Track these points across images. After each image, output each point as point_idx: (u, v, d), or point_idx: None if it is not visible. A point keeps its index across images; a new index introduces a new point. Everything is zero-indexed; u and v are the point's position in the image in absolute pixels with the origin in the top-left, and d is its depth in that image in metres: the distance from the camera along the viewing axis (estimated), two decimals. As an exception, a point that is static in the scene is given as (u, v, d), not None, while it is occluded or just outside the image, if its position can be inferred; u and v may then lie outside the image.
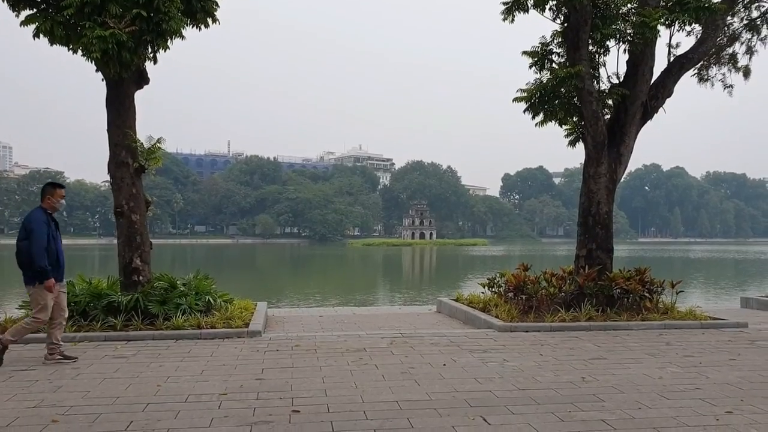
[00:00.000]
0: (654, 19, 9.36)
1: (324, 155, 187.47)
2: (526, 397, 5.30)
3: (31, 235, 6.41)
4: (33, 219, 6.52)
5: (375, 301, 23.43)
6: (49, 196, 6.69)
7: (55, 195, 6.71)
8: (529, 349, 7.45)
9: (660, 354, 7.20)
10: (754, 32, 14.87)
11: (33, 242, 6.38)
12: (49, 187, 6.78)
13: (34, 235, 6.40)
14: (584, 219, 10.38)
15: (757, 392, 5.49)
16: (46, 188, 6.78)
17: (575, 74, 9.45)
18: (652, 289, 9.83)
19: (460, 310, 10.48)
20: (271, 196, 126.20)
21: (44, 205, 6.69)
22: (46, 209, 6.68)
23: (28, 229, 6.46)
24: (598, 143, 10.12)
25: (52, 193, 6.71)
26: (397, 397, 5.24)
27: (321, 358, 6.85)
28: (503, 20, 9.84)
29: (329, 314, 11.45)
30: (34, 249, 6.36)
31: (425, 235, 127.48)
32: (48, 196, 6.70)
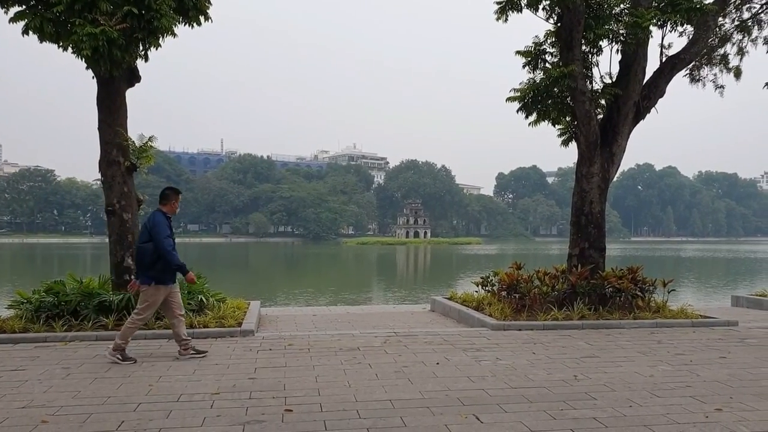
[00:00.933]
0: (646, 20, 9.40)
1: (318, 154, 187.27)
2: (518, 395, 5.32)
3: (156, 238, 6.66)
4: (157, 222, 6.77)
5: (369, 300, 23.44)
6: (172, 201, 7.03)
7: (177, 200, 7.09)
8: (522, 347, 7.47)
9: (651, 352, 7.23)
10: (745, 33, 14.97)
11: (161, 243, 6.64)
12: (172, 192, 7.11)
13: (161, 236, 6.66)
14: (577, 218, 10.41)
15: (746, 390, 5.53)
16: (168, 193, 7.07)
17: (568, 74, 9.48)
18: (644, 287, 9.87)
19: (454, 308, 10.49)
20: (265, 194, 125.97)
21: (165, 209, 6.97)
22: (166, 213, 6.95)
23: (153, 232, 6.71)
24: (590, 143, 10.15)
25: (174, 198, 7.05)
26: (391, 396, 5.25)
27: (314, 357, 6.85)
28: (497, 20, 9.86)
29: (323, 313, 11.45)
30: (165, 249, 6.64)
31: (419, 233, 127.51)
32: (171, 201, 7.02)
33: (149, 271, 6.69)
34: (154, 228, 6.71)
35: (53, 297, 8.35)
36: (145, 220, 6.93)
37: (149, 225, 6.77)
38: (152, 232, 6.70)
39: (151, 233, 6.71)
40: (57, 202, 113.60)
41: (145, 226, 6.83)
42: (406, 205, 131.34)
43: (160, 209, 6.95)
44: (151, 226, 6.74)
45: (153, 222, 6.77)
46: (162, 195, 7.03)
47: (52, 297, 8.36)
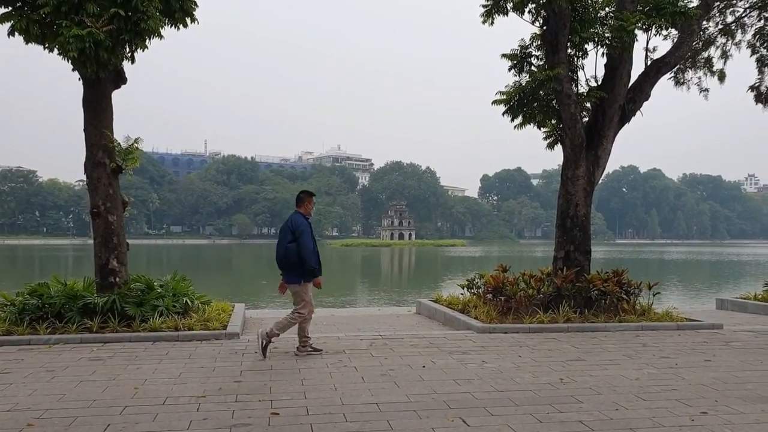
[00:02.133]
0: (631, 23, 9.49)
1: (302, 155, 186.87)
2: (505, 398, 5.33)
3: (301, 239, 7.02)
4: (300, 224, 7.14)
5: (354, 303, 23.39)
6: (306, 203, 7.39)
7: (310, 202, 7.45)
8: (508, 350, 7.49)
9: (637, 355, 7.29)
10: (728, 37, 15.17)
11: (303, 245, 6.99)
12: (306, 195, 7.50)
13: (304, 238, 7.03)
14: (562, 221, 10.48)
15: (731, 393, 5.59)
16: (303, 196, 7.48)
17: (554, 77, 9.54)
18: (629, 290, 9.94)
19: (440, 311, 10.50)
20: (249, 196, 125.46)
21: (302, 211, 7.35)
22: (304, 214, 7.32)
23: (297, 233, 7.05)
24: (576, 146, 10.22)
25: (308, 200, 7.42)
26: (377, 399, 5.24)
27: (299, 360, 6.82)
28: (483, 23, 9.88)
29: (308, 316, 11.38)
30: (305, 251, 6.98)
31: (404, 235, 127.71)
32: (306, 203, 7.39)
33: (296, 269, 7.03)
34: (297, 229, 7.06)
35: (37, 299, 8.24)
36: (287, 222, 7.27)
37: (292, 227, 7.12)
38: (296, 233, 7.04)
39: (294, 234, 7.05)
40: (39, 204, 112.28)
41: (288, 228, 7.16)
42: (391, 206, 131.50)
43: (298, 211, 7.34)
44: (294, 228, 7.08)
45: (296, 223, 7.12)
46: (297, 198, 7.48)
47: (35, 299, 8.25)
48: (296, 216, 7.27)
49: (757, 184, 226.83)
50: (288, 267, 7.09)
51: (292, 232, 7.08)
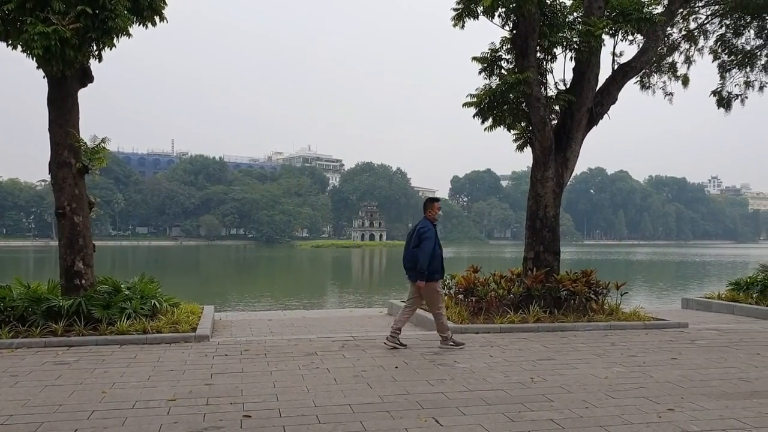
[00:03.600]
0: (599, 28, 9.68)
1: (272, 155, 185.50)
2: (477, 398, 5.37)
3: (423, 243, 7.54)
4: (427, 230, 7.64)
5: (325, 304, 23.32)
6: (432, 209, 7.90)
7: (435, 208, 7.94)
8: (480, 350, 7.55)
9: (606, 354, 7.41)
10: (692, 43, 15.57)
11: (422, 249, 7.51)
12: (431, 202, 8.07)
13: (426, 243, 7.54)
14: (532, 222, 10.61)
15: (696, 390, 5.73)
16: (429, 203, 8.03)
17: (524, 80, 9.64)
18: (597, 290, 10.10)
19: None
20: (217, 196, 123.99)
21: (428, 216, 7.85)
22: (430, 219, 7.80)
23: (422, 238, 7.58)
24: (545, 148, 10.36)
25: (433, 206, 7.94)
26: (350, 401, 5.22)
27: (271, 362, 6.76)
28: (454, 26, 9.93)
29: (278, 318, 11.32)
30: (423, 255, 7.47)
31: (375, 236, 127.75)
32: (431, 209, 7.90)
33: (415, 269, 7.55)
34: (423, 234, 7.60)
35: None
36: (416, 227, 7.84)
37: (420, 232, 7.65)
38: (422, 238, 7.57)
39: (420, 238, 7.58)
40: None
41: (416, 232, 7.71)
42: (362, 207, 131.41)
43: (425, 217, 7.85)
44: (420, 233, 7.62)
45: (424, 230, 7.66)
46: (424, 205, 8.06)
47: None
48: (423, 221, 7.81)
49: (720, 186, 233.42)
50: (413, 268, 7.65)
51: (418, 236, 7.64)
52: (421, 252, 7.50)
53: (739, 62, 15.36)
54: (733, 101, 15.62)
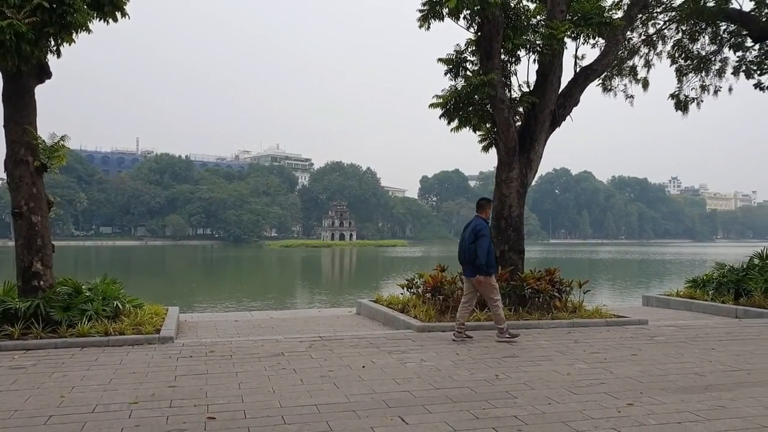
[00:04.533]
0: (561, 32, 9.85)
1: (239, 154, 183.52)
2: (443, 395, 5.42)
3: (479, 241, 8.06)
4: (483, 227, 8.24)
5: (293, 305, 23.21)
6: (486, 209, 8.61)
7: (489, 208, 8.73)
8: (446, 348, 7.62)
9: (569, 351, 7.54)
10: (651, 47, 15.99)
11: (479, 246, 8.04)
12: (486, 202, 8.74)
13: (482, 240, 8.07)
14: (497, 222, 10.74)
15: (654, 385, 5.88)
16: (484, 203, 8.67)
17: (488, 82, 9.74)
18: (561, 288, 10.28)
19: (380, 311, 10.56)
20: (183, 195, 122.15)
21: (483, 216, 8.46)
22: (484, 218, 8.43)
23: (479, 236, 8.09)
24: (509, 149, 10.50)
25: (488, 206, 8.69)
26: (316, 401, 5.22)
27: (237, 363, 6.70)
28: (419, 27, 9.99)
29: (245, 319, 11.23)
30: (479, 251, 8.01)
31: (345, 236, 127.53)
32: (486, 209, 8.60)
33: (475, 263, 8.05)
34: (479, 233, 8.11)
35: (-50, 305, 7.75)
36: (470, 225, 8.33)
37: (475, 230, 8.17)
38: (478, 236, 8.08)
39: (476, 236, 8.08)
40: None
41: (472, 230, 8.20)
42: (332, 207, 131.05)
43: (480, 216, 8.41)
44: (477, 231, 8.13)
45: (479, 228, 8.18)
46: (478, 205, 8.66)
47: (-52, 305, 7.75)
48: (478, 220, 8.33)
49: (679, 186, 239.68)
50: (468, 264, 8.19)
51: (474, 234, 8.13)
52: (479, 249, 8.02)
53: (695, 67, 15.83)
54: (690, 104, 16.10)
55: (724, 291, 12.17)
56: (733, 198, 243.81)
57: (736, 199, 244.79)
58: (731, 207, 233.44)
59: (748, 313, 10.93)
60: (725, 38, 15.71)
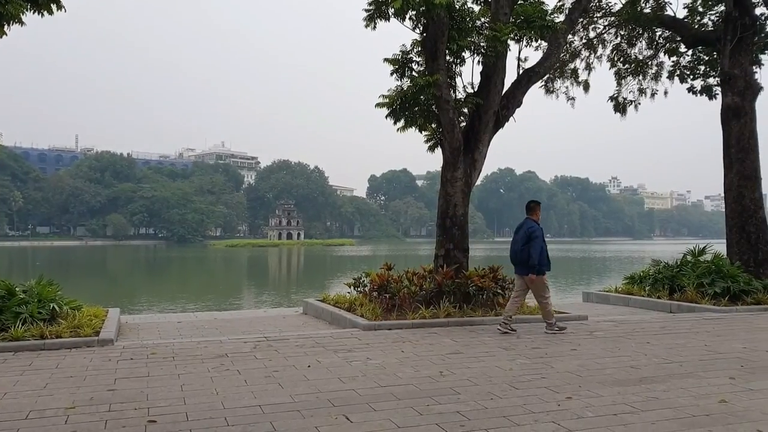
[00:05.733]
0: (504, 34, 10.06)
1: (183, 152, 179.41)
2: (387, 393, 5.46)
3: (534, 242, 8.62)
4: (536, 229, 8.75)
5: (239, 305, 22.87)
6: (536, 211, 9.10)
7: (539, 209, 9.18)
8: (392, 346, 7.67)
9: (511, 347, 7.71)
10: (591, 51, 16.51)
11: (534, 247, 8.60)
12: (536, 204, 9.27)
13: (537, 242, 8.64)
14: (442, 220, 10.88)
15: (592, 378, 6.08)
16: (534, 205, 9.22)
17: (433, 83, 9.83)
18: (504, 285, 10.48)
19: (327, 310, 10.54)
20: (125, 194, 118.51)
21: (533, 218, 9.00)
22: (535, 220, 8.94)
23: (532, 237, 8.66)
24: (454, 149, 10.65)
25: (537, 208, 9.18)
26: (260, 402, 5.17)
27: (179, 365, 6.57)
28: (365, 26, 10.01)
29: (188, 320, 11.00)
30: (533, 252, 8.57)
31: (292, 235, 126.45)
32: (536, 211, 9.09)
33: (530, 264, 8.62)
34: (532, 234, 8.67)
35: None
36: (522, 227, 8.88)
37: (528, 231, 8.72)
38: (531, 237, 8.64)
39: (530, 237, 8.65)
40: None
41: (525, 232, 8.76)
42: (279, 206, 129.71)
43: (531, 218, 8.95)
44: (530, 233, 8.68)
45: (531, 229, 8.74)
46: (528, 207, 9.22)
47: None
48: (530, 222, 8.88)
49: (619, 186, 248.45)
50: (522, 263, 8.73)
51: (528, 236, 8.68)
52: (533, 249, 8.57)
53: (633, 70, 16.46)
54: (628, 107, 16.73)
55: (660, 287, 12.69)
56: (669, 197, 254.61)
57: (672, 198, 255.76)
58: (668, 206, 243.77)
59: (681, 308, 11.45)
60: (661, 43, 16.39)
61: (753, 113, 13.62)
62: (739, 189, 13.46)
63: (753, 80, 13.82)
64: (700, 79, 16.41)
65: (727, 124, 13.69)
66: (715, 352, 7.45)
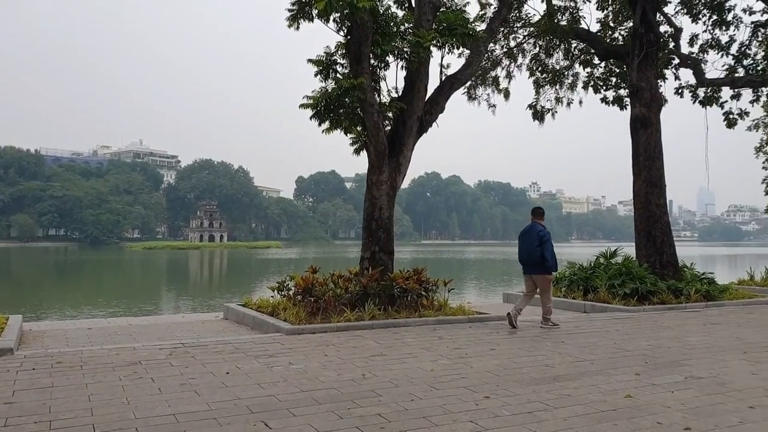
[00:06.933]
0: (427, 40, 10.20)
1: (98, 149, 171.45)
2: (308, 398, 5.38)
3: (546, 244, 9.47)
4: (546, 233, 9.64)
5: (156, 310, 22.03)
6: (542, 216, 9.95)
7: (543, 214, 10.04)
8: (315, 350, 7.58)
9: (433, 348, 7.80)
10: (512, 60, 17.04)
11: (547, 249, 9.46)
12: (542, 210, 10.15)
13: (549, 244, 9.53)
14: (368, 223, 10.90)
15: (510, 377, 6.24)
16: (540, 211, 10.08)
17: (358, 86, 9.83)
18: (428, 287, 10.63)
19: (248, 315, 10.30)
20: (32, 193, 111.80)
21: (541, 221, 9.84)
22: (542, 224, 9.78)
23: (543, 240, 9.48)
24: (379, 153, 10.69)
25: (543, 214, 10.01)
26: (174, 410, 4.96)
27: (87, 374, 6.21)
28: (288, 26, 9.88)
29: (100, 326, 10.47)
30: (547, 253, 9.46)
31: (215, 237, 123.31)
32: (542, 216, 9.95)
33: (539, 266, 9.55)
34: (543, 237, 9.52)
35: None
36: (532, 231, 9.67)
37: (540, 235, 9.53)
38: (543, 240, 9.47)
39: (541, 240, 9.46)
40: None
41: (536, 235, 9.55)
42: (201, 206, 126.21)
43: (538, 222, 9.78)
44: (541, 236, 9.51)
45: (542, 233, 9.56)
46: (535, 212, 10.03)
47: None
48: (539, 226, 9.69)
49: (539, 191, 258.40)
50: (533, 264, 9.58)
51: (539, 239, 9.47)
52: (546, 251, 9.43)
53: (550, 80, 17.14)
54: (546, 115, 17.39)
55: (575, 288, 13.24)
56: (585, 202, 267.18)
57: (588, 203, 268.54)
58: (584, 210, 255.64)
59: (594, 308, 11.99)
60: (576, 55, 17.14)
61: (658, 124, 14.46)
62: (647, 195, 14.25)
63: (658, 93, 14.68)
64: (612, 90, 17.30)
65: (636, 133, 14.46)
66: (623, 350, 7.82)
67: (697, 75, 16.22)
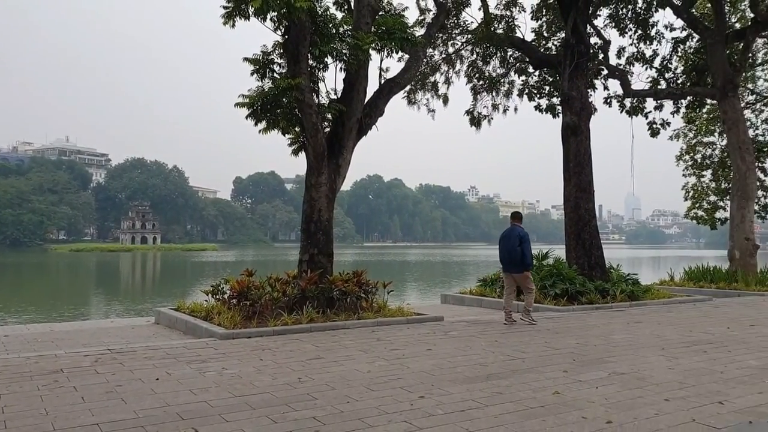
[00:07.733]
0: (366, 43, 10.23)
1: (18, 146, 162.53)
2: (241, 403, 5.27)
3: (525, 244, 10.23)
4: (525, 233, 10.40)
5: (82, 315, 21.11)
6: (521, 219, 10.68)
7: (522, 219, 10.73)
8: (250, 355, 7.45)
9: (371, 349, 7.80)
10: (450, 66, 17.32)
11: (526, 249, 10.21)
12: (520, 214, 10.89)
13: (528, 244, 10.29)
14: (307, 225, 10.82)
15: (445, 377, 6.31)
16: (519, 215, 10.79)
17: (295, 86, 9.74)
18: (367, 290, 10.64)
19: (181, 319, 10.02)
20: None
21: (520, 224, 10.55)
22: (521, 226, 10.50)
23: (524, 240, 10.24)
24: (318, 154, 10.63)
25: (521, 218, 10.76)
26: (98, 419, 4.76)
27: (2, 385, 5.86)
28: (224, 24, 9.67)
29: (18, 333, 9.94)
30: (527, 252, 10.21)
31: (147, 239, 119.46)
32: (521, 219, 10.68)
33: (519, 264, 10.22)
34: (524, 238, 10.26)
35: None
36: (515, 232, 10.33)
37: (520, 235, 10.27)
38: (522, 240, 10.21)
39: (521, 240, 10.20)
40: None
41: (518, 236, 10.26)
42: (132, 207, 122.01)
43: (517, 224, 10.49)
44: (522, 236, 10.25)
45: (523, 234, 10.32)
46: (515, 216, 10.72)
47: None
48: (519, 228, 10.42)
49: (477, 195, 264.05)
50: (514, 263, 10.26)
51: (520, 240, 10.21)
52: (526, 250, 10.18)
53: (487, 87, 17.53)
54: (483, 121, 17.76)
55: (509, 289, 13.55)
56: (521, 206, 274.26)
57: (523, 207, 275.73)
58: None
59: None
60: (512, 63, 17.60)
61: (588, 132, 15.01)
62: (576, 200, 14.76)
63: (588, 102, 15.25)
64: (546, 98, 17.86)
65: (566, 140, 14.96)
66: (553, 348, 8.06)
67: (624, 86, 16.97)
